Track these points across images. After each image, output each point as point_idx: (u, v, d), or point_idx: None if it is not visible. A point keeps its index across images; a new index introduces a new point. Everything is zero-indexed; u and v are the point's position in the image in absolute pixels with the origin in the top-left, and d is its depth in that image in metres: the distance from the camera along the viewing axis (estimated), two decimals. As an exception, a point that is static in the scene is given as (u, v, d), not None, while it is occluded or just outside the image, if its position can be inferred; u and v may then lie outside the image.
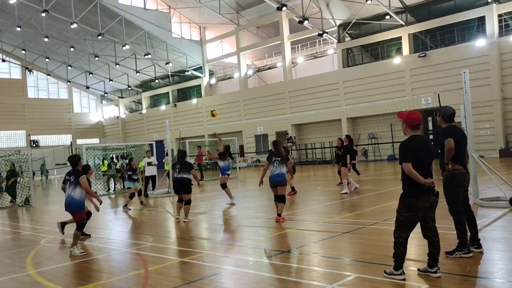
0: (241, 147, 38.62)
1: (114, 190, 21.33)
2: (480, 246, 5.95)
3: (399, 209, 5.11)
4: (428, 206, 5.05)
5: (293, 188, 14.24)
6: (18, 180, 19.26)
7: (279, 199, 9.51)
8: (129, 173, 14.27)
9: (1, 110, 48.19)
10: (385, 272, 5.20)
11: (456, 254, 5.77)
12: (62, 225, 10.35)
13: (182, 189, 10.59)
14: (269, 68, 41.67)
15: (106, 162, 23.38)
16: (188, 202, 10.59)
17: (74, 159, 8.00)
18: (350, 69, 33.61)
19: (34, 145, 48.84)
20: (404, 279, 5.01)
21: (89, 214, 10.19)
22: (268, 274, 5.79)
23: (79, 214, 7.78)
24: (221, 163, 13.37)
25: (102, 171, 23.46)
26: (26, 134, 50.36)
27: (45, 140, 51.33)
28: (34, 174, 33.20)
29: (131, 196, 14.02)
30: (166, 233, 9.71)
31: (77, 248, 7.66)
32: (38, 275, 6.53)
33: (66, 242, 9.25)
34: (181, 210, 10.77)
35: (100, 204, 8.65)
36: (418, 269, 5.25)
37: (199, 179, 12.41)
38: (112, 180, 21.99)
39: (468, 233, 5.94)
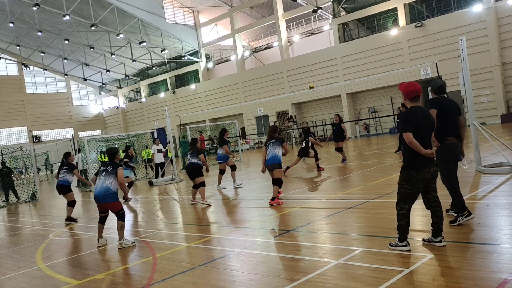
0: (243, 129, 38.61)
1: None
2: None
3: (400, 181, 5.13)
4: (429, 177, 5.06)
5: (318, 165, 14.61)
6: (17, 176, 19.21)
7: (274, 182, 9.42)
8: (125, 160, 14.28)
9: (1, 107, 48.23)
10: (390, 244, 5.24)
11: (459, 221, 5.82)
12: (70, 219, 10.50)
13: (195, 173, 10.70)
14: (266, 48, 41.33)
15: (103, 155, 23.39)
16: (202, 184, 10.67)
17: (112, 152, 7.91)
18: (347, 44, 33.30)
19: (36, 140, 49.00)
20: (409, 250, 5.05)
21: (73, 202, 10.51)
22: (275, 254, 5.84)
23: (117, 204, 7.61)
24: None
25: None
26: (27, 130, 50.43)
27: (47, 135, 51.42)
28: (39, 169, 33.36)
29: (130, 185, 14.09)
30: (173, 220, 9.78)
31: (125, 240, 7.43)
32: (49, 269, 6.61)
33: (74, 234, 9.35)
34: (196, 195, 10.89)
35: (126, 194, 9.23)
36: (423, 240, 5.28)
37: None
38: None
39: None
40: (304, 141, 14.91)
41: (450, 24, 27.46)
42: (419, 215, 6.45)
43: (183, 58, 44.40)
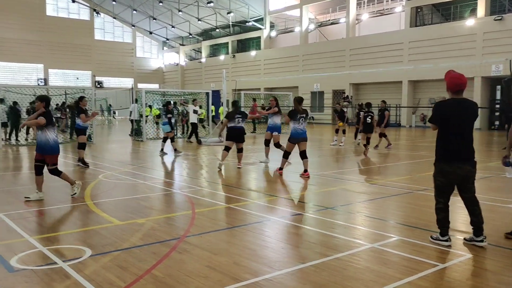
0: (296, 103, 38.30)
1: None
2: None
3: (434, 174, 5.04)
4: (462, 174, 4.86)
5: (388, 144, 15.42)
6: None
7: (304, 155, 9.91)
8: (169, 115, 14.60)
9: (69, 49, 50.43)
10: (431, 237, 5.13)
11: None
12: (82, 161, 11.21)
13: (241, 138, 11.04)
14: (332, 23, 40.34)
15: (154, 109, 24.04)
16: (242, 150, 11.25)
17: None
18: (417, 29, 31.88)
19: (98, 85, 51.03)
20: (449, 246, 4.93)
21: (82, 145, 11.43)
22: (309, 227, 5.87)
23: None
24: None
25: (154, 115, 24.05)
26: (91, 74, 52.53)
27: (108, 81, 53.37)
28: (103, 112, 34.76)
29: (172, 139, 14.49)
30: (216, 180, 10.01)
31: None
32: (95, 206, 7.00)
33: (121, 179, 9.78)
34: (225, 157, 11.13)
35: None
36: (464, 239, 5.13)
37: (252, 131, 12.61)
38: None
39: None
40: (369, 116, 14.61)
41: (534, 21, 25.59)
42: (465, 213, 6.23)
43: (247, 23, 44.23)
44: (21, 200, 7.35)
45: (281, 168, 10.20)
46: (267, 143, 12.45)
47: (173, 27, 49.90)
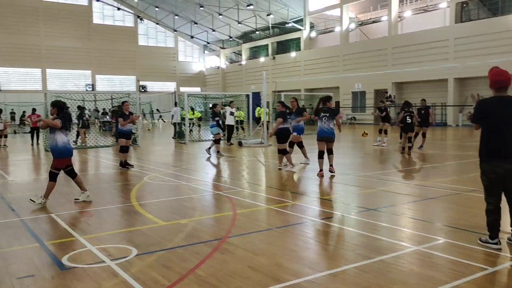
0: (337, 103, 37.92)
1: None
2: None
3: (480, 174, 4.89)
4: (501, 173, 4.67)
5: (409, 148, 14.22)
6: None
7: (330, 152, 10.15)
8: (216, 118, 14.79)
9: (115, 55, 52.21)
10: (480, 240, 4.95)
11: None
12: (123, 164, 11.29)
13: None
14: (373, 22, 39.62)
15: (196, 112, 24.39)
16: (285, 151, 11.22)
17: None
18: (463, 25, 30.79)
19: (142, 90, 52.44)
20: (499, 249, 4.74)
21: (123, 148, 11.51)
22: (351, 229, 5.80)
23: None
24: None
25: (196, 118, 24.41)
26: (136, 79, 54.08)
27: (152, 86, 54.75)
28: (144, 115, 35.68)
29: (217, 141, 14.64)
30: (257, 181, 10.06)
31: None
32: (140, 207, 7.20)
33: (165, 180, 10.01)
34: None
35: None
36: (508, 238, 4.94)
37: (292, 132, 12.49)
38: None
39: None
40: (409, 116, 14.28)
41: None
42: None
43: (287, 25, 44.19)
44: (72, 201, 7.66)
45: (321, 170, 10.12)
46: (296, 145, 12.06)
47: (213, 30, 50.60)
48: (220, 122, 15.05)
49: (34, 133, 19.76)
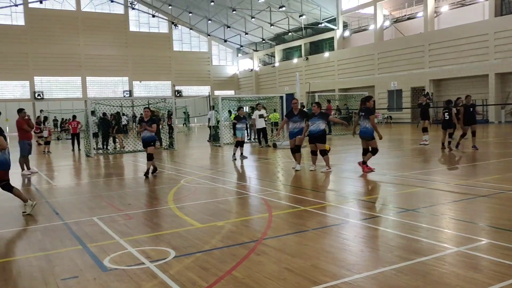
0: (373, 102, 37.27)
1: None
2: None
3: None
4: None
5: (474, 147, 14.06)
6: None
7: (366, 151, 10.20)
8: (242, 121, 14.82)
9: (151, 62, 53.43)
10: (523, 241, 4.77)
11: None
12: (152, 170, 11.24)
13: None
14: (408, 18, 38.77)
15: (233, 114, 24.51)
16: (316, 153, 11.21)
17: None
18: (503, 18, 29.68)
19: (178, 94, 53.32)
20: (545, 251, 4.54)
21: (149, 156, 11.12)
22: (390, 230, 5.70)
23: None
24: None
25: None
26: (171, 84, 55.07)
27: (187, 90, 55.60)
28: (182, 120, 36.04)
29: (237, 144, 14.66)
30: (292, 183, 10.03)
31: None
32: (178, 209, 7.32)
33: (201, 183, 10.14)
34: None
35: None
36: None
37: (327, 132, 12.40)
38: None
39: None
40: (447, 113, 14.44)
41: None
42: None
43: (319, 25, 43.89)
44: (112, 204, 7.88)
45: (364, 162, 10.24)
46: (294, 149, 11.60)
47: (246, 33, 50.88)
48: (247, 125, 15.02)
49: (74, 139, 20.46)
